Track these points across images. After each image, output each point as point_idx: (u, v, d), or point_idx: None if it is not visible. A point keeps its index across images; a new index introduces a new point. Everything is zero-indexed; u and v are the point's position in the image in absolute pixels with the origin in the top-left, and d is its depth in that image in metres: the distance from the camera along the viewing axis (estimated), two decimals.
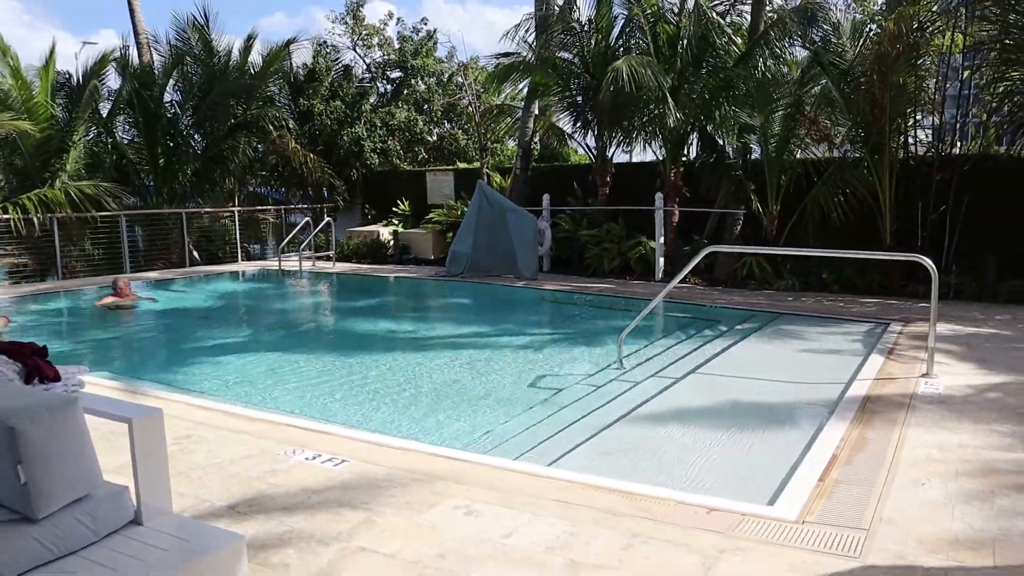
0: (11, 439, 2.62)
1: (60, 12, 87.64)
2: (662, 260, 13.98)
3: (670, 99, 13.44)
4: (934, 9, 12.09)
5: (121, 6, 21.06)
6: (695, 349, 8.86)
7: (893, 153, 12.41)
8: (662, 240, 14.11)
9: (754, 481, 4.90)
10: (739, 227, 14.06)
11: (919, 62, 12.21)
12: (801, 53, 14.13)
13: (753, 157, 14.23)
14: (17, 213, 14.57)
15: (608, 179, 15.69)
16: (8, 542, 2.62)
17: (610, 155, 15.81)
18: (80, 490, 2.81)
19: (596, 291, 13.10)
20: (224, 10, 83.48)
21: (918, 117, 13.17)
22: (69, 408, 2.79)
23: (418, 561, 3.55)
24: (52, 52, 16.53)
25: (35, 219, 14.62)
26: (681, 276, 7.55)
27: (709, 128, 14.68)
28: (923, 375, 6.92)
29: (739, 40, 15.05)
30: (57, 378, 3.31)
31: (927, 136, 13.42)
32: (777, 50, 13.54)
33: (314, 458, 4.92)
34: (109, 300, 12.76)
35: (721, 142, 14.77)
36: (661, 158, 15.00)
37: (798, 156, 13.71)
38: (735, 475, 5.10)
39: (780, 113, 13.39)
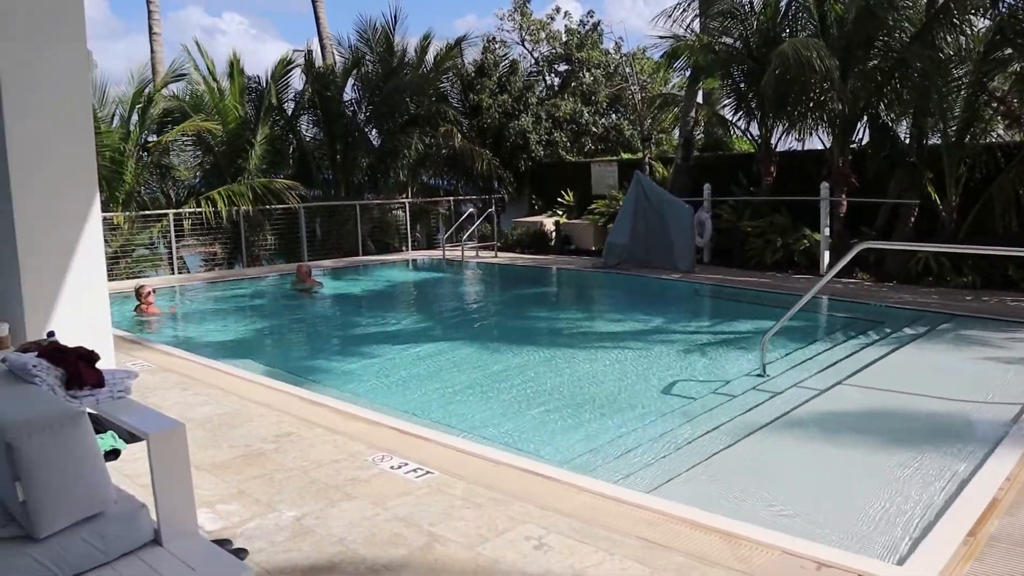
0: (8, 455, 2.53)
1: (279, 24, 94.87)
2: (827, 254, 12.77)
3: (837, 82, 12.30)
4: None
5: (332, 15, 22.46)
6: (850, 355, 7.93)
7: None
8: (827, 232, 12.92)
9: (887, 528, 4.13)
10: (913, 219, 12.56)
11: None
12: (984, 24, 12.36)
13: (930, 142, 12.67)
14: (208, 207, 15.69)
15: (772, 168, 14.62)
16: (6, 561, 2.55)
17: (774, 143, 14.74)
18: (86, 509, 2.71)
19: (753, 286, 12.25)
20: (416, 11, 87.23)
21: None
22: (72, 423, 2.69)
23: None
24: (236, 59, 17.68)
25: (223, 212, 15.68)
26: (832, 274, 6.72)
27: (880, 112, 13.26)
28: None
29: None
30: (100, 384, 3.23)
31: None
32: (956, 22, 11.91)
33: (400, 467, 4.72)
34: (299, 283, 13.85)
35: (893, 127, 13.31)
36: (828, 145, 13.83)
37: (983, 141, 12.10)
38: (865, 517, 4.32)
39: (962, 94, 11.89)
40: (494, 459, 4.90)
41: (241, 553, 3.53)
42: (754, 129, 15.11)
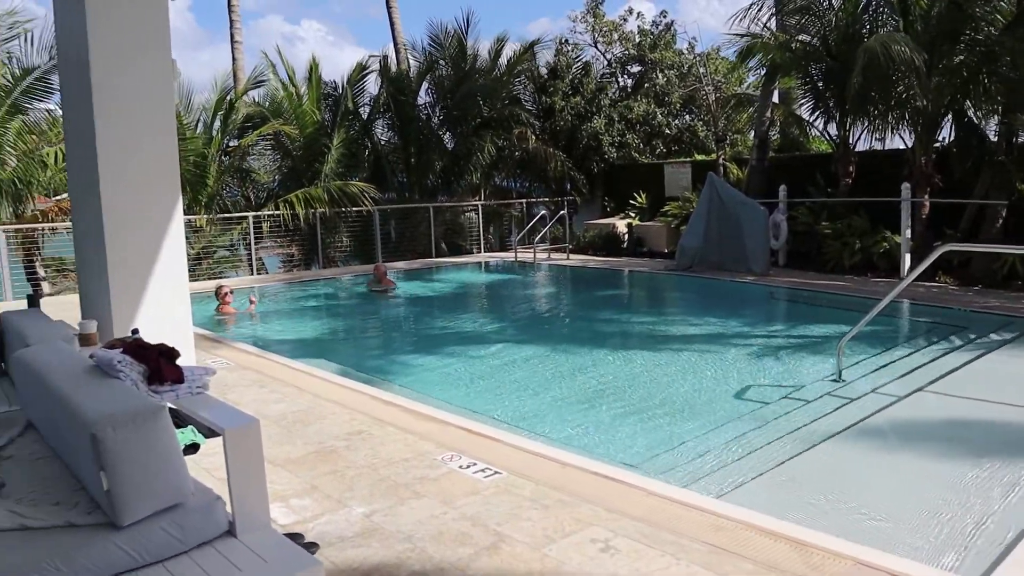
0: (93, 447, 2.65)
1: (356, 31, 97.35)
2: (908, 256, 12.32)
3: (923, 78, 11.86)
4: None
5: (406, 21, 22.99)
6: (931, 361, 7.65)
7: None
8: (908, 234, 12.46)
9: (966, 543, 3.96)
10: (1001, 220, 11.98)
11: None
12: None
13: (1021, 140, 12.07)
14: (286, 210, 16.12)
15: (851, 168, 14.19)
16: (91, 547, 2.67)
17: (853, 143, 14.31)
18: (165, 500, 2.80)
19: (830, 289, 11.93)
20: (488, 16, 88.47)
21: None
22: (153, 417, 2.79)
23: None
24: (315, 65, 18.09)
25: (300, 215, 16.08)
26: (913, 277, 6.51)
27: (967, 109, 12.73)
28: None
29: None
30: (180, 380, 3.36)
31: None
32: None
33: (468, 467, 4.76)
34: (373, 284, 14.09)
35: (981, 124, 12.76)
36: (910, 144, 13.33)
37: None
38: (943, 529, 4.16)
39: None
40: (562, 460, 4.89)
41: (312, 547, 3.61)
42: (832, 129, 14.73)
